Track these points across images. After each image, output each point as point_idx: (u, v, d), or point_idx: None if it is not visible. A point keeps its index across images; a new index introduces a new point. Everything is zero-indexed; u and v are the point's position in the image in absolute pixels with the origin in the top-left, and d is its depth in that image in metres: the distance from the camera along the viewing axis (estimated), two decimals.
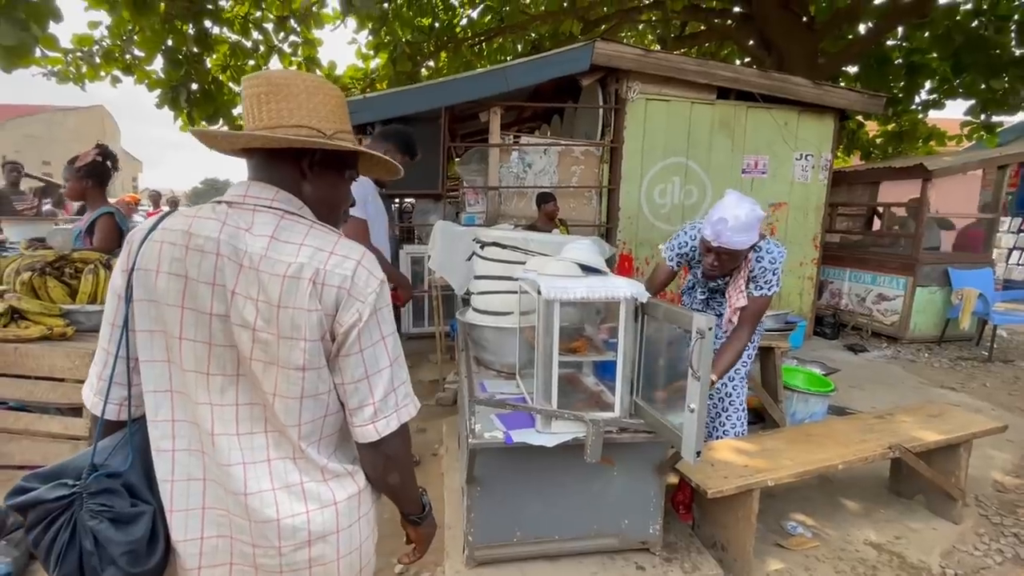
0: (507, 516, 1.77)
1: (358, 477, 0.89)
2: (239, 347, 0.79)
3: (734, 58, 9.14)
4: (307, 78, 0.85)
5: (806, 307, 5.68)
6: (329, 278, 0.78)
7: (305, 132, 0.81)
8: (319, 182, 0.88)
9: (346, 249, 0.81)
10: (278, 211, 0.82)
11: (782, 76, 5.09)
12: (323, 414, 0.83)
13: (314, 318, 0.77)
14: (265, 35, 6.12)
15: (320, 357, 0.80)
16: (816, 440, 2.13)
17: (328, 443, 0.87)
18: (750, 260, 1.95)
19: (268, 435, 0.82)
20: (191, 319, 0.80)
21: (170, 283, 0.79)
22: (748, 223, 1.81)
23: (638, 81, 4.85)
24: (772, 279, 1.98)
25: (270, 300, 0.77)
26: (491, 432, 1.58)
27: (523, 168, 4.98)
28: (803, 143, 5.35)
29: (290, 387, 0.79)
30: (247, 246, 0.78)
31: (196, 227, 0.80)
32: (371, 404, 0.82)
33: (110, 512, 0.80)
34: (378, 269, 0.83)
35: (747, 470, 1.87)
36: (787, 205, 5.43)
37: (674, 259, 2.18)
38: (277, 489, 0.82)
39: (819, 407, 3.00)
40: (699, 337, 1.34)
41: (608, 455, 1.75)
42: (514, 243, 2.02)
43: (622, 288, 1.49)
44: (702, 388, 1.35)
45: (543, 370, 1.53)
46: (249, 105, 0.82)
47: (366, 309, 0.80)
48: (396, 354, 0.85)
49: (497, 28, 7.90)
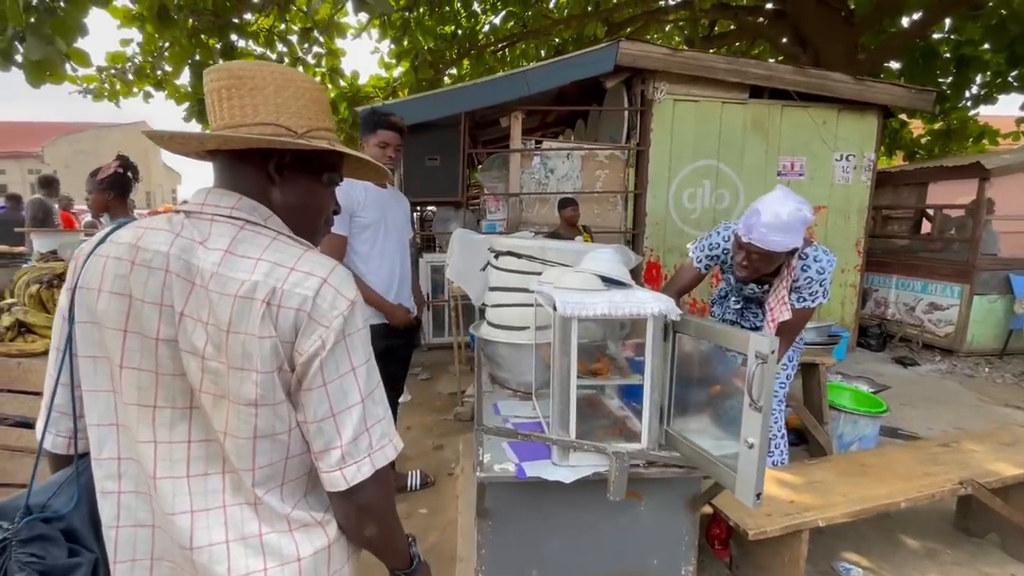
0: (522, 554, 1.60)
1: (331, 528, 0.75)
2: (189, 377, 0.68)
3: (767, 57, 8.80)
4: (275, 69, 0.73)
5: (849, 317, 5.33)
6: (287, 299, 0.65)
7: (271, 130, 0.70)
8: (290, 187, 0.76)
9: (311, 265, 0.68)
10: (238, 221, 0.70)
11: (820, 72, 4.81)
12: (283, 456, 0.70)
13: (267, 346, 0.65)
14: (289, 47, 6.18)
15: (276, 391, 0.67)
16: (873, 472, 1.89)
17: (294, 488, 0.73)
18: (794, 268, 1.74)
19: (226, 476, 0.70)
20: (135, 344, 0.68)
21: (112, 303, 0.68)
22: (789, 224, 1.59)
23: (665, 81, 4.65)
24: (819, 290, 1.76)
25: (219, 324, 0.65)
26: (502, 464, 1.42)
27: (545, 174, 4.83)
28: (843, 143, 5.03)
29: (241, 425, 0.67)
30: (200, 261, 0.67)
31: (145, 240, 0.69)
32: (338, 447, 0.68)
33: (40, 564, 0.68)
34: (350, 288, 0.70)
35: (794, 507, 1.66)
36: (826, 208, 5.11)
37: (703, 260, 1.98)
38: (232, 541, 0.69)
39: (869, 429, 2.73)
40: (759, 362, 1.15)
41: (634, 489, 1.58)
42: (530, 252, 1.86)
43: (649, 304, 1.32)
44: (763, 420, 1.17)
45: (559, 396, 1.37)
46: (211, 102, 0.71)
47: (330, 335, 0.66)
48: (370, 388, 0.71)
49: (520, 33, 7.81)
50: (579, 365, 1.49)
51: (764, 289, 1.87)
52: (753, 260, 1.69)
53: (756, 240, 1.61)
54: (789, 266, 1.73)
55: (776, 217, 1.58)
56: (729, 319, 2.08)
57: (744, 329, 1.28)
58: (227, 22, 5.05)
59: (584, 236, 4.32)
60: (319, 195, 0.80)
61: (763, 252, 1.64)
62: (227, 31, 5.16)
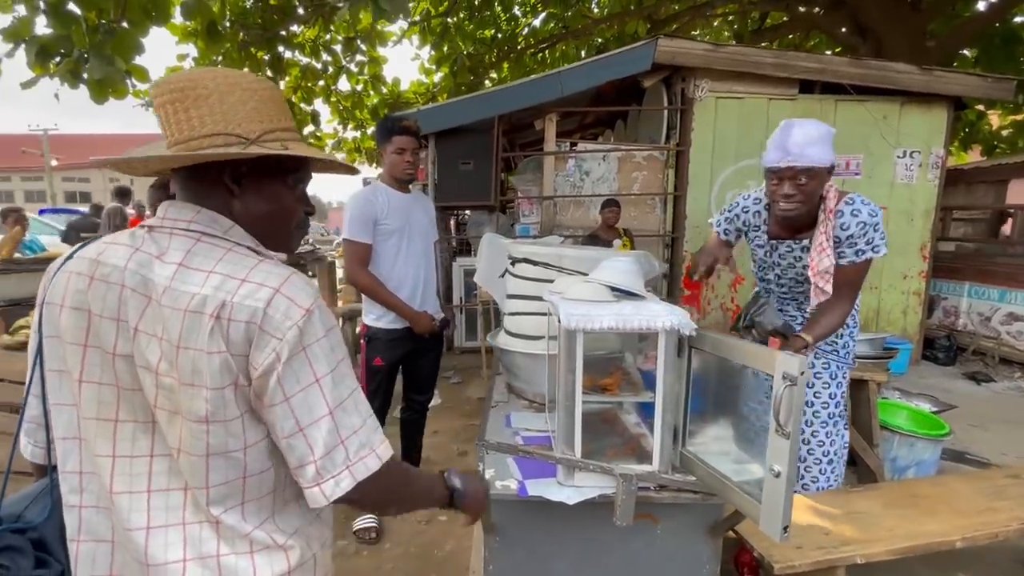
0: (530, 573, 1.54)
1: (293, 553, 0.73)
2: (145, 392, 0.67)
3: (823, 49, 8.30)
4: (218, 74, 0.70)
5: (912, 328, 4.92)
6: (236, 312, 0.64)
7: (221, 140, 0.68)
8: (253, 195, 0.74)
9: (263, 275, 0.66)
10: (194, 233, 0.69)
11: (880, 63, 4.47)
12: (240, 475, 0.68)
13: (216, 361, 0.63)
14: (334, 56, 6.39)
15: (228, 408, 0.65)
16: (926, 504, 1.70)
17: (258, 507, 0.71)
18: (832, 211, 1.56)
19: (187, 492, 0.69)
20: (95, 359, 0.69)
21: (71, 319, 0.69)
22: (822, 135, 1.49)
23: (707, 78, 4.46)
24: (875, 236, 1.58)
25: (171, 339, 0.64)
26: (505, 480, 1.37)
27: (580, 176, 4.74)
28: (907, 138, 4.65)
29: (194, 442, 0.66)
30: (155, 276, 0.66)
31: (105, 255, 0.69)
32: (312, 462, 0.66)
33: (6, 574, 0.71)
34: (305, 296, 0.67)
35: (829, 540, 1.51)
36: (886, 210, 4.73)
37: (722, 225, 1.86)
38: (189, 560, 0.68)
39: (928, 454, 2.48)
40: (788, 384, 1.05)
41: (649, 511, 1.49)
42: (545, 259, 1.81)
43: (661, 317, 1.23)
44: (791, 447, 1.07)
45: (564, 412, 1.30)
46: (160, 118, 0.70)
47: (284, 348, 0.64)
48: (339, 398, 0.68)
49: (560, 34, 7.73)
50: (588, 379, 1.43)
51: (802, 245, 1.69)
52: (800, 185, 1.52)
53: (795, 159, 1.48)
54: (827, 208, 1.57)
55: (805, 133, 1.48)
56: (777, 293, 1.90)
57: (764, 341, 1.17)
58: (274, 34, 5.27)
59: (624, 240, 4.19)
60: (284, 199, 0.78)
61: (805, 170, 1.50)
62: (275, 43, 5.39)
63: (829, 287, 1.58)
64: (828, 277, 1.58)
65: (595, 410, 1.61)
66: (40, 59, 3.38)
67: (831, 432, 1.83)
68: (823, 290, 1.59)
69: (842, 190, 1.64)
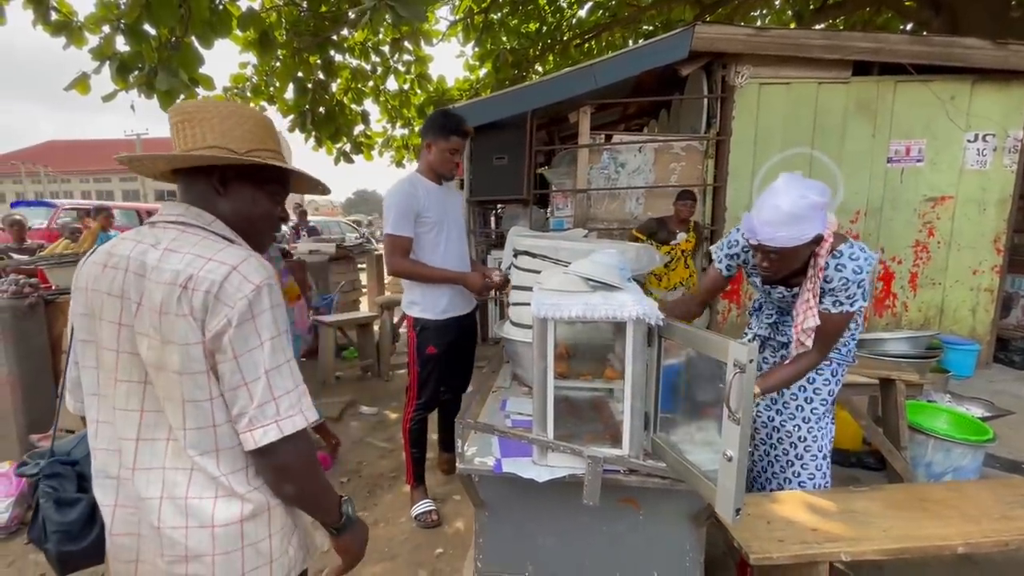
0: (518, 547, 1.63)
1: (247, 504, 0.85)
2: (141, 353, 0.82)
3: (896, 26, 7.66)
4: (220, 106, 0.90)
5: (982, 327, 4.52)
6: (198, 283, 0.78)
7: (214, 151, 0.85)
8: (234, 197, 0.91)
9: (226, 255, 0.81)
10: (182, 225, 0.86)
11: (946, 39, 4.11)
12: (209, 423, 0.82)
13: (182, 323, 0.78)
14: (382, 57, 6.66)
15: (194, 363, 0.79)
16: (933, 507, 1.63)
17: (232, 457, 0.84)
18: (822, 269, 1.55)
19: (169, 443, 0.83)
20: (107, 330, 0.85)
21: (92, 299, 0.86)
22: (793, 214, 1.41)
23: (749, 64, 4.29)
24: (856, 292, 1.55)
25: (154, 307, 0.79)
26: (484, 457, 1.47)
27: (615, 168, 4.70)
28: (979, 120, 4.26)
29: (172, 390, 0.81)
30: (149, 259, 0.82)
31: (116, 247, 0.86)
32: (247, 412, 0.80)
33: (54, 494, 0.92)
34: (257, 275, 0.80)
35: (815, 535, 1.49)
36: (952, 199, 4.37)
37: (723, 260, 1.83)
38: (164, 498, 0.83)
39: (967, 460, 2.33)
40: (737, 371, 1.09)
41: (632, 497, 1.54)
42: (543, 252, 1.87)
43: (628, 307, 1.28)
44: (742, 432, 1.10)
45: (538, 395, 1.38)
46: (172, 134, 0.89)
47: (234, 315, 0.78)
48: (276, 362, 0.81)
49: (605, 24, 7.61)
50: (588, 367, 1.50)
51: (794, 293, 1.69)
52: (772, 260, 1.53)
53: (764, 240, 1.47)
54: (817, 266, 1.54)
55: (776, 211, 1.43)
56: (762, 335, 1.90)
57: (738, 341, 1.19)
58: (325, 39, 5.58)
59: (690, 235, 4.12)
60: (260, 204, 0.94)
61: (776, 250, 1.49)
62: (326, 47, 5.71)
63: (810, 343, 1.60)
64: (810, 334, 1.58)
65: (590, 397, 1.67)
66: (120, 74, 3.82)
67: (824, 426, 1.79)
68: (804, 344, 1.60)
69: (839, 235, 1.58)
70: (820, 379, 1.78)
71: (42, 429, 2.82)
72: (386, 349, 4.76)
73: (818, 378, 1.78)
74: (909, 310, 4.57)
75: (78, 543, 0.90)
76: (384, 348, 4.75)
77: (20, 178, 33.50)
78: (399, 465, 2.94)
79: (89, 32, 3.83)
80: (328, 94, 6.03)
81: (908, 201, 4.42)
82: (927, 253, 4.49)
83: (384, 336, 4.76)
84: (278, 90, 5.63)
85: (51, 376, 2.89)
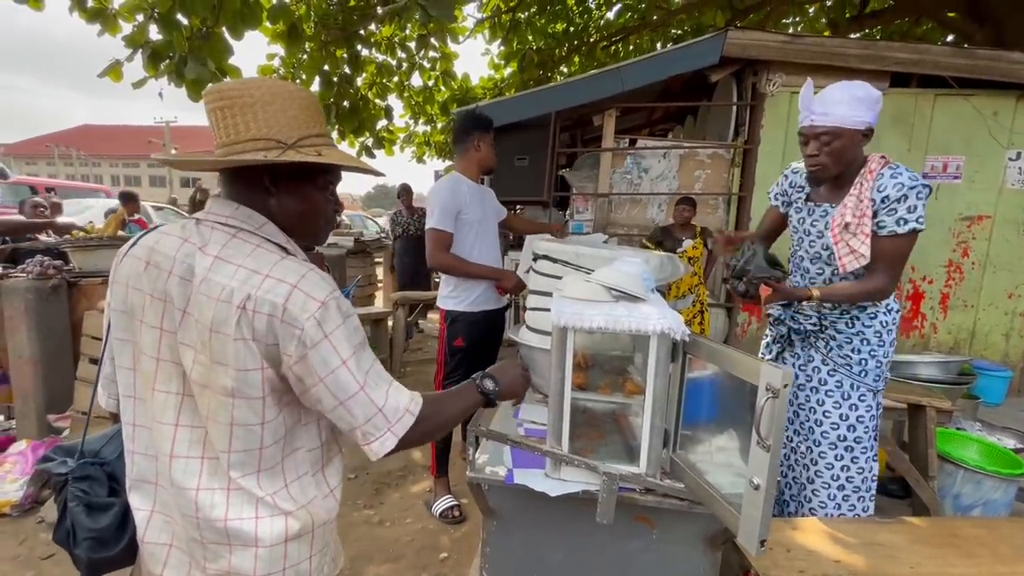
0: (525, 559, 1.59)
1: (294, 521, 0.81)
2: (184, 365, 0.78)
3: (937, 37, 7.42)
4: (262, 84, 0.78)
5: (1015, 353, 4.35)
6: (260, 305, 0.73)
7: (262, 144, 0.77)
8: (287, 195, 0.83)
9: (283, 271, 0.75)
10: (232, 228, 0.79)
11: (992, 52, 3.95)
12: (257, 446, 0.78)
13: (241, 347, 0.73)
14: (408, 53, 6.66)
15: (252, 388, 0.75)
16: (964, 544, 1.55)
17: (272, 476, 0.80)
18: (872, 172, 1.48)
19: (204, 462, 0.79)
20: (147, 334, 0.80)
21: (132, 297, 0.81)
22: (855, 96, 1.41)
23: (781, 72, 4.18)
24: (917, 204, 1.45)
25: (205, 323, 0.74)
26: (495, 467, 1.43)
27: (638, 173, 4.63)
28: (1022, 138, 4.09)
29: (220, 412, 0.76)
30: (197, 265, 0.76)
31: (160, 244, 0.80)
32: (358, 428, 0.79)
33: (85, 498, 0.87)
34: (320, 290, 0.75)
35: (837, 568, 1.42)
36: (990, 219, 4.21)
37: (777, 197, 1.82)
38: (200, 518, 0.79)
39: (999, 493, 2.22)
40: (770, 395, 1.03)
41: (646, 515, 1.48)
42: (564, 257, 1.83)
43: (652, 320, 1.23)
44: (771, 461, 1.05)
45: (554, 407, 1.33)
46: (211, 122, 0.80)
47: (307, 337, 0.73)
48: (364, 377, 0.78)
49: (634, 26, 7.52)
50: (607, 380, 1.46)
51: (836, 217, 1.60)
52: (823, 146, 1.47)
53: (818, 118, 1.43)
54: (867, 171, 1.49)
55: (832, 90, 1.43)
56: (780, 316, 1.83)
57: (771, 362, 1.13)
58: (353, 33, 5.60)
59: (697, 240, 4.04)
60: (315, 199, 0.86)
61: (829, 131, 1.44)
62: (353, 41, 5.72)
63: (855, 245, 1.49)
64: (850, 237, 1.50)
65: (609, 410, 1.62)
66: (152, 61, 3.87)
67: (843, 456, 1.70)
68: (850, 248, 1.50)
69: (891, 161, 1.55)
70: (830, 401, 1.70)
71: (59, 409, 2.87)
72: (399, 345, 4.76)
73: (827, 400, 1.71)
74: (938, 332, 4.42)
75: (110, 549, 0.86)
76: (397, 344, 4.75)
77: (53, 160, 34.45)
78: (407, 463, 2.93)
79: (123, 20, 3.88)
80: (353, 88, 6.04)
81: (942, 219, 4.26)
82: (960, 274, 4.33)
83: (398, 332, 4.76)
84: (304, 83, 5.65)
85: (71, 357, 2.93)
